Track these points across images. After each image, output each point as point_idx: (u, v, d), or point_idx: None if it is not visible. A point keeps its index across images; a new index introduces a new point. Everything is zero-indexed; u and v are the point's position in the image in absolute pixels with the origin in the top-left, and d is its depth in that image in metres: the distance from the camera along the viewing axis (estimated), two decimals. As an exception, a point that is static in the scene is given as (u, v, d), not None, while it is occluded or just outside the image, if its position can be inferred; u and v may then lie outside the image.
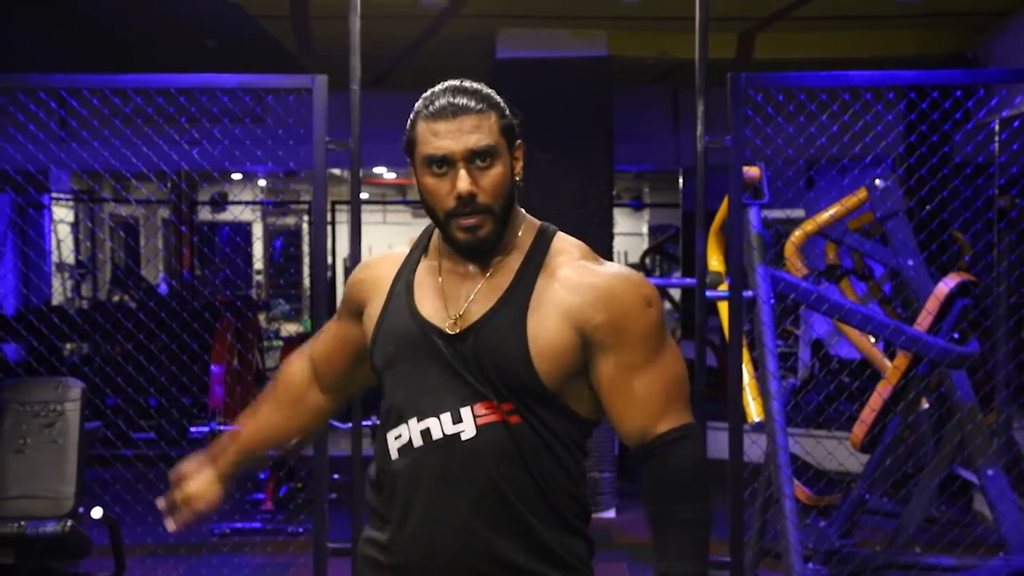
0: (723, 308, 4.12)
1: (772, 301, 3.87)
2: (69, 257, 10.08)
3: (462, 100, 1.58)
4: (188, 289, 10.02)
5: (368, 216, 14.46)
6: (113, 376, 6.16)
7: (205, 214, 13.04)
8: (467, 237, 1.59)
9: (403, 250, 1.75)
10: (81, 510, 3.77)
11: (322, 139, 3.34)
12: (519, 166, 1.64)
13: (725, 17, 5.74)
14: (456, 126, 1.56)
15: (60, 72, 3.54)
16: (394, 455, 1.63)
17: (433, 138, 1.57)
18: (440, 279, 1.65)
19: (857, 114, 4.08)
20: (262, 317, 11.72)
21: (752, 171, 3.81)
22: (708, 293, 3.49)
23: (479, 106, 1.58)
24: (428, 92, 1.64)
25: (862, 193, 4.53)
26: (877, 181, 4.45)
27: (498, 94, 1.65)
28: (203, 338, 6.96)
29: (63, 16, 6.88)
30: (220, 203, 12.03)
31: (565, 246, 1.66)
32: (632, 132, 7.68)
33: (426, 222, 1.73)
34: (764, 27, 6.25)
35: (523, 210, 1.69)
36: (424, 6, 5.75)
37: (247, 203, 12.42)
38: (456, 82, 1.62)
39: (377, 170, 12.29)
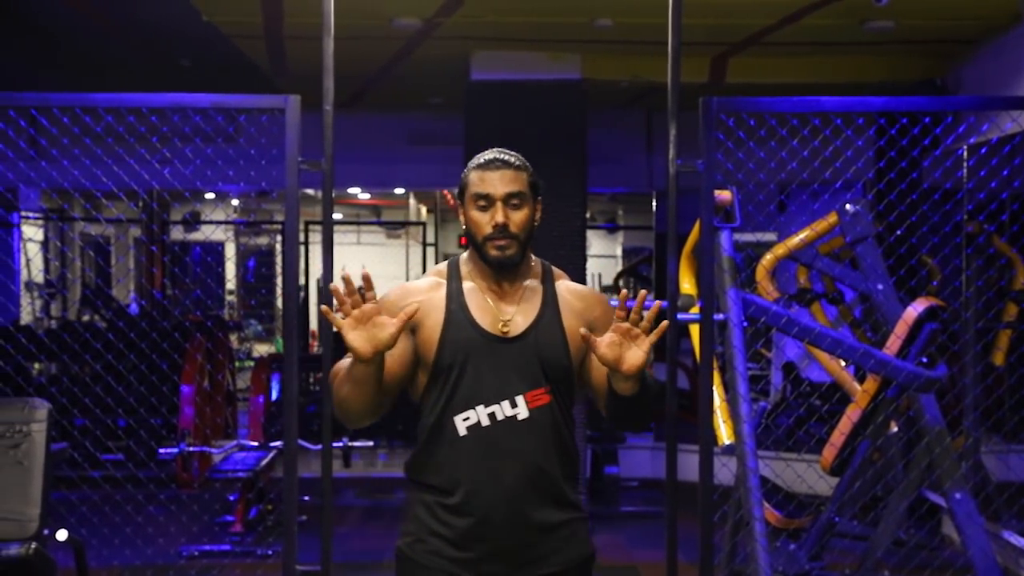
0: (695, 331, 4.14)
1: (744, 324, 3.89)
2: (38, 276, 9.98)
3: (505, 158, 2.19)
4: (159, 309, 9.94)
5: (342, 237, 14.41)
6: (81, 397, 6.08)
7: (177, 234, 12.96)
8: (498, 255, 2.16)
9: (432, 279, 2.25)
10: (46, 532, 3.71)
11: (294, 159, 3.33)
12: (538, 214, 2.23)
13: (698, 42, 5.80)
14: (499, 176, 2.16)
15: (30, 90, 3.51)
16: (463, 432, 2.13)
17: (480, 182, 2.17)
18: (487, 299, 2.20)
19: (828, 139, 4.13)
20: (234, 337, 11.63)
21: (724, 195, 3.83)
22: (680, 316, 3.50)
23: (517, 163, 2.19)
24: (480, 154, 2.22)
25: (832, 218, 4.56)
26: (847, 206, 4.48)
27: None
28: (173, 358, 6.91)
29: (33, 33, 6.84)
30: (192, 223, 11.96)
31: (557, 271, 2.32)
32: (606, 154, 7.72)
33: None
34: (737, 52, 6.31)
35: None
36: (398, 27, 5.77)
37: (219, 223, 12.36)
38: (500, 150, 2.21)
39: (352, 190, 12.27)
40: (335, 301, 2.00)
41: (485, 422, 2.12)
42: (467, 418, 2.13)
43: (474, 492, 2.12)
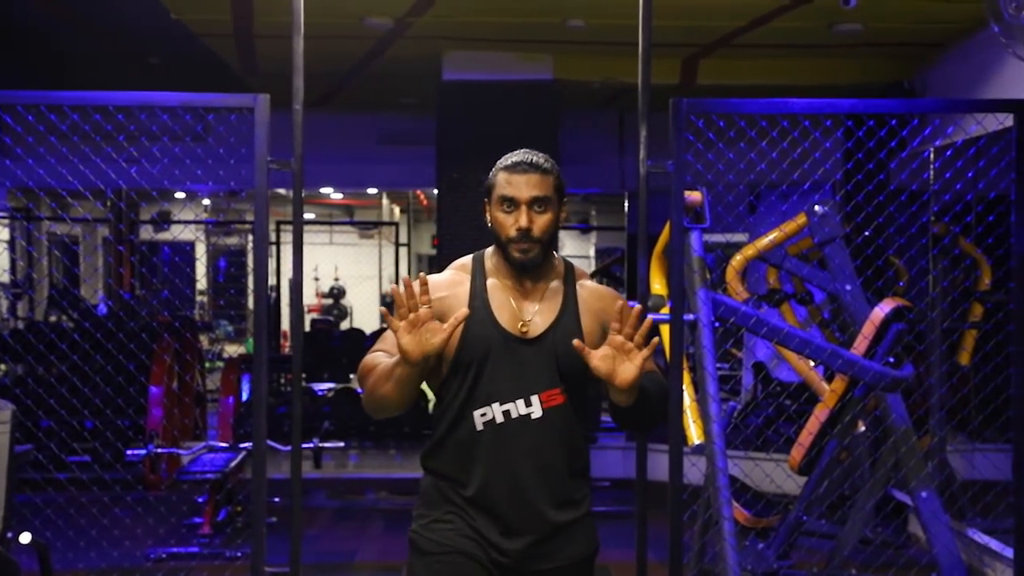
0: (665, 331, 4.15)
1: (715, 324, 3.91)
2: (3, 276, 9.85)
3: (532, 159, 2.22)
4: (127, 310, 9.84)
5: (315, 237, 14.33)
6: (46, 398, 6.01)
7: (146, 233, 12.84)
8: (520, 257, 2.21)
9: (455, 274, 2.30)
10: (9, 535, 3.66)
11: (264, 159, 3.31)
12: (563, 216, 2.28)
13: (669, 43, 5.82)
14: (525, 180, 2.20)
15: (-7, 87, 3.47)
16: (479, 427, 2.20)
17: (507, 185, 2.21)
18: (509, 297, 2.25)
19: (796, 141, 4.16)
20: (205, 338, 11.54)
21: (694, 195, 3.85)
22: (650, 316, 3.51)
23: (544, 167, 2.22)
24: (509, 153, 2.26)
25: (801, 219, 4.60)
26: (816, 207, 4.52)
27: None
28: (141, 359, 6.84)
29: None
30: (160, 222, 11.85)
31: (579, 270, 2.37)
32: (578, 155, 7.73)
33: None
34: (707, 53, 6.34)
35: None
36: (369, 27, 5.75)
37: (188, 222, 12.25)
38: (528, 151, 2.24)
39: (324, 190, 12.21)
40: (395, 303, 2.07)
41: (500, 419, 2.18)
42: (484, 414, 2.19)
43: (487, 486, 2.19)
